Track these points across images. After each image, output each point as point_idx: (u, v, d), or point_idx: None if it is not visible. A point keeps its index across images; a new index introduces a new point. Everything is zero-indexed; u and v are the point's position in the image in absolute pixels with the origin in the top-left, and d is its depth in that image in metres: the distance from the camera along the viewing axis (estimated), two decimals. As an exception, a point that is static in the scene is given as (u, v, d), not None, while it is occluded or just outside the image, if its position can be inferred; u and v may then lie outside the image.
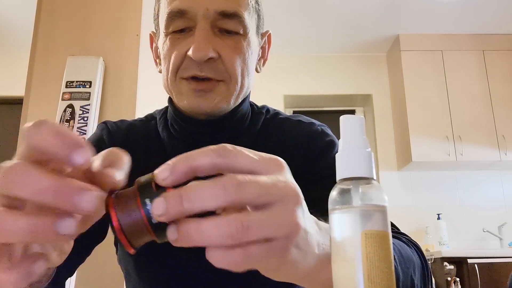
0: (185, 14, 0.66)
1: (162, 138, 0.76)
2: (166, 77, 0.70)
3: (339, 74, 3.96)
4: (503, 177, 3.71)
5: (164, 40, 0.69)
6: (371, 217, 0.34)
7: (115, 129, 0.77)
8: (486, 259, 2.83)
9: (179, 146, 0.73)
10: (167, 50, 0.68)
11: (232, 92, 0.68)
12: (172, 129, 0.75)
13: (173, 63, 0.67)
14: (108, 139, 0.76)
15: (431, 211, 3.53)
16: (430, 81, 3.59)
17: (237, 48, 0.68)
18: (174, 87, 0.69)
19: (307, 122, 0.79)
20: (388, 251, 0.34)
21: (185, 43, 0.66)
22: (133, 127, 0.79)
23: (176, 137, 0.74)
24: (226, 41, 0.67)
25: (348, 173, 0.36)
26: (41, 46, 1.94)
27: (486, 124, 3.47)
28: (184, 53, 0.66)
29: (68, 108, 1.77)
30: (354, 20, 3.50)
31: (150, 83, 2.12)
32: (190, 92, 0.67)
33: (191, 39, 0.65)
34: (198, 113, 0.69)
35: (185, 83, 0.67)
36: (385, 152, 3.76)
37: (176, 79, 0.68)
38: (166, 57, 0.68)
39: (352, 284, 0.33)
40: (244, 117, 0.76)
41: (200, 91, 0.66)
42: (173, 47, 0.67)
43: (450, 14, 3.44)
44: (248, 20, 0.69)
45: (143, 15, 2.00)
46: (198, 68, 0.65)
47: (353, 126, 0.37)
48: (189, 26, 0.67)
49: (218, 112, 0.69)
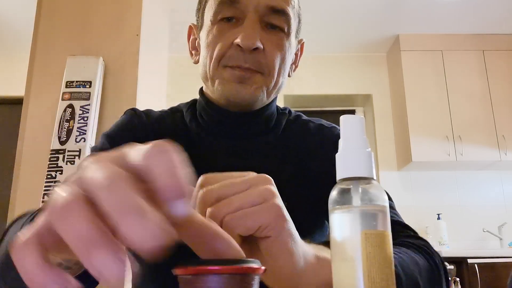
0: (236, 4, 0.67)
1: (190, 128, 0.76)
2: (208, 64, 0.70)
3: (339, 74, 3.96)
4: (503, 177, 3.71)
5: (210, 28, 0.70)
6: (371, 217, 0.34)
7: (145, 119, 0.77)
8: (486, 259, 2.83)
9: (206, 137, 0.74)
10: (212, 38, 0.69)
11: (268, 84, 0.70)
12: (200, 119, 0.76)
13: (219, 50, 0.68)
14: (140, 127, 0.75)
15: (431, 211, 3.53)
16: (430, 81, 3.59)
17: (280, 44, 0.70)
18: (216, 73, 0.69)
19: (329, 126, 0.81)
20: (388, 251, 0.34)
21: (232, 33, 0.67)
22: (162, 118, 0.78)
23: (204, 127, 0.75)
24: (270, 36, 0.69)
25: (348, 173, 0.36)
26: (41, 46, 1.94)
27: (486, 124, 3.47)
28: (231, 42, 0.67)
29: (68, 108, 1.77)
30: (354, 20, 3.50)
31: (150, 83, 2.12)
32: (233, 78, 0.68)
33: (239, 29, 0.67)
34: (236, 99, 0.69)
35: (229, 69, 0.68)
36: (385, 152, 3.76)
37: (219, 66, 0.69)
38: (211, 44, 0.70)
39: (352, 284, 0.33)
40: (272, 116, 0.77)
41: (241, 77, 0.67)
42: (220, 35, 0.68)
43: (450, 14, 3.44)
44: (293, 20, 0.72)
45: (143, 15, 2.00)
46: (243, 59, 0.67)
47: (353, 126, 0.37)
48: (237, 16, 0.68)
49: (254, 100, 0.70)
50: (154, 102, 2.15)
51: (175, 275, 0.32)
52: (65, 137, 1.72)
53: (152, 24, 2.11)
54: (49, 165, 1.68)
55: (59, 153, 1.70)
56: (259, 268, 0.32)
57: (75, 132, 1.73)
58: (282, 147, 0.76)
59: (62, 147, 1.71)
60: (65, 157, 1.69)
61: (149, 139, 0.62)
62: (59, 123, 1.75)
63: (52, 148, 1.71)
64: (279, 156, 0.75)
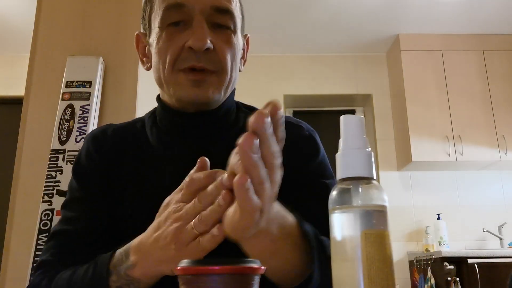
0: (183, 8, 0.69)
1: (150, 136, 0.78)
2: (162, 70, 0.72)
3: (339, 74, 3.95)
4: (503, 177, 3.71)
5: (159, 34, 0.71)
6: (371, 217, 0.34)
7: (102, 138, 0.79)
8: (486, 259, 2.83)
9: (167, 141, 0.76)
10: (163, 43, 0.71)
11: (223, 83, 0.72)
12: (160, 124, 0.77)
13: (171, 55, 0.70)
14: (95, 151, 0.77)
15: (431, 211, 3.53)
16: (430, 81, 3.59)
17: (229, 42, 0.72)
18: (171, 78, 0.71)
19: (295, 124, 0.81)
20: (388, 251, 0.34)
21: (182, 36, 0.69)
22: (121, 129, 0.80)
23: (165, 132, 0.76)
24: (218, 35, 0.71)
25: (348, 173, 0.36)
26: (41, 46, 1.94)
27: (486, 124, 3.47)
28: (182, 46, 0.69)
29: (68, 108, 1.77)
30: (354, 20, 3.50)
31: (150, 83, 2.12)
32: (188, 82, 0.70)
33: (188, 32, 0.69)
34: (194, 103, 0.72)
35: (182, 74, 0.70)
36: (385, 152, 3.76)
37: (173, 71, 0.71)
38: (162, 50, 0.71)
39: (352, 284, 0.33)
40: (229, 112, 0.78)
41: (196, 81, 0.69)
42: (170, 40, 0.70)
43: (450, 14, 3.44)
44: (237, 18, 0.74)
45: (143, 15, 2.00)
46: (196, 59, 0.68)
47: (353, 126, 0.37)
48: (185, 20, 0.70)
49: (212, 102, 0.72)
50: (154, 102, 2.15)
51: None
52: (65, 137, 1.72)
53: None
54: (49, 165, 1.68)
55: (59, 153, 1.70)
56: (259, 268, 0.32)
57: (75, 132, 1.73)
58: None
59: (62, 147, 1.71)
60: (65, 157, 1.69)
61: (111, 151, 0.72)
62: (59, 123, 1.74)
63: (52, 148, 1.70)
64: None
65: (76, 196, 0.74)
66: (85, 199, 0.73)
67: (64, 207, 0.75)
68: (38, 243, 1.57)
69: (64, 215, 0.73)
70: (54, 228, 0.73)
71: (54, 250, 0.69)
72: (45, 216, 1.59)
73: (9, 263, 1.67)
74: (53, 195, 1.62)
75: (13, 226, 1.71)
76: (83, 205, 0.73)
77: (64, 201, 0.76)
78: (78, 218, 0.71)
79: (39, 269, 0.68)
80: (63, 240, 0.70)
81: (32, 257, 1.56)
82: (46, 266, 0.68)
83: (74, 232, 0.70)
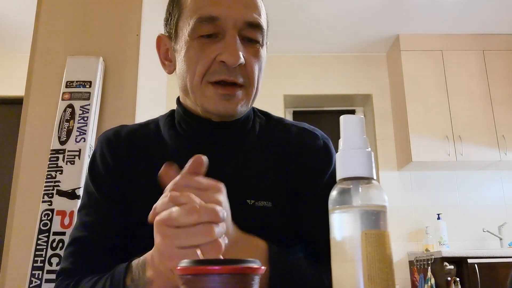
0: (216, 21, 0.69)
1: (164, 138, 0.78)
2: (190, 79, 0.72)
3: (339, 74, 3.95)
4: (503, 177, 3.71)
5: (190, 43, 0.71)
6: (371, 217, 0.34)
7: (115, 140, 0.79)
8: (486, 259, 2.83)
9: (184, 145, 0.76)
10: (193, 53, 0.71)
11: (251, 96, 0.74)
12: (179, 128, 0.78)
13: (202, 66, 0.70)
14: (109, 155, 0.77)
15: (431, 211, 3.53)
16: (430, 81, 3.59)
17: (257, 55, 0.73)
18: (199, 89, 0.72)
19: (311, 131, 0.82)
20: (388, 251, 0.34)
21: (213, 48, 0.70)
22: (133, 131, 0.81)
23: (183, 135, 0.78)
24: (248, 49, 0.72)
25: (348, 173, 0.36)
26: (41, 46, 1.94)
27: (486, 124, 3.47)
28: (213, 58, 0.69)
29: (68, 108, 1.77)
30: (354, 20, 3.50)
31: (150, 83, 2.12)
32: (217, 96, 0.70)
33: (220, 44, 0.69)
34: (222, 116, 0.73)
35: (212, 87, 0.70)
36: (385, 152, 3.76)
37: (202, 83, 0.71)
38: (192, 60, 0.71)
39: (352, 284, 0.33)
40: (248, 119, 0.80)
41: (226, 95, 0.70)
42: (201, 51, 0.70)
43: (450, 14, 3.44)
44: (265, 31, 0.75)
45: (143, 15, 2.00)
46: (227, 73, 0.69)
47: (353, 126, 0.37)
48: (217, 33, 0.70)
49: (239, 115, 0.75)
50: (154, 102, 2.15)
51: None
52: (65, 137, 1.72)
53: (152, 24, 2.11)
54: (49, 165, 1.68)
55: (59, 153, 1.70)
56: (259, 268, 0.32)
57: (75, 132, 1.73)
58: (260, 151, 0.78)
59: (62, 147, 1.71)
60: (65, 157, 1.69)
61: (123, 153, 0.75)
62: (59, 123, 1.74)
63: (52, 148, 1.70)
64: (258, 159, 0.77)
65: (92, 199, 0.75)
66: (101, 203, 0.74)
67: (82, 210, 0.76)
68: (38, 243, 1.57)
69: (82, 220, 0.74)
70: (73, 233, 0.74)
71: (73, 259, 0.71)
72: (45, 216, 1.59)
73: (9, 263, 1.67)
74: (53, 195, 1.61)
75: (13, 226, 1.71)
76: (99, 210, 0.74)
77: (81, 204, 0.77)
78: (96, 223, 0.73)
79: (60, 276, 0.70)
80: (82, 248, 0.72)
81: (32, 257, 1.56)
82: (66, 275, 0.70)
83: (92, 238, 0.72)
